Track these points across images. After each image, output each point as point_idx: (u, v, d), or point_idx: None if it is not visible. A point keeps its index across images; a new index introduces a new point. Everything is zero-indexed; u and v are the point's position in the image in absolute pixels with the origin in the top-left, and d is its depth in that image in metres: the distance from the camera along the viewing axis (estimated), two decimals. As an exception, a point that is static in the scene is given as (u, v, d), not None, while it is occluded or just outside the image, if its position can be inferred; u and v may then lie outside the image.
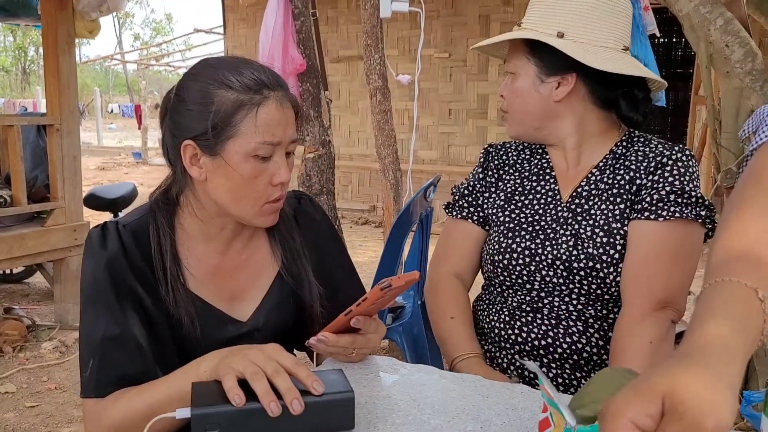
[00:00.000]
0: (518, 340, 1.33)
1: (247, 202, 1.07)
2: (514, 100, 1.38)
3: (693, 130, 5.92)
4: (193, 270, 1.12)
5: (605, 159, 1.36)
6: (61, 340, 3.70)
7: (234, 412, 0.84)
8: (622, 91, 1.33)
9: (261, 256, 1.20)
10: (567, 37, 1.29)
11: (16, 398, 3.01)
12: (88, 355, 1.02)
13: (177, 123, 1.06)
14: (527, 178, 1.42)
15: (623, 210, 1.29)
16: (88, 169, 12.73)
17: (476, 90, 7.59)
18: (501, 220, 1.40)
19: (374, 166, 7.59)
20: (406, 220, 2.68)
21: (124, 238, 1.08)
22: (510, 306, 1.37)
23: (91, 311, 1.04)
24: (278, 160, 1.06)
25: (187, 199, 1.12)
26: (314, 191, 3.28)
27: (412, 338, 2.67)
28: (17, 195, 3.61)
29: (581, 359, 1.29)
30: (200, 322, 1.10)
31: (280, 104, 1.05)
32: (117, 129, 27.26)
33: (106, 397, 1.00)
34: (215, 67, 1.06)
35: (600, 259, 1.27)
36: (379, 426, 0.91)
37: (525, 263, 1.33)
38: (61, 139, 3.81)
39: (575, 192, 1.35)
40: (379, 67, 3.61)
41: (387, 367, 1.13)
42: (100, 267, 1.05)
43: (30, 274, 4.86)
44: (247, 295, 1.17)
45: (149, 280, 1.08)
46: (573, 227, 1.31)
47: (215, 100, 1.02)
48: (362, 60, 3.77)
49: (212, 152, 1.04)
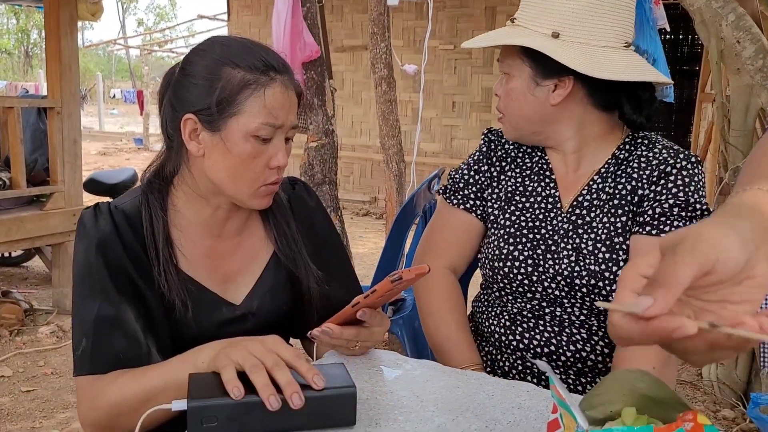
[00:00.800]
0: (520, 346, 1.28)
1: (243, 183, 1.06)
2: (509, 102, 1.30)
3: (698, 127, 5.89)
4: (186, 252, 1.10)
5: (607, 164, 1.29)
6: (59, 324, 3.68)
7: (232, 405, 0.81)
8: (625, 92, 1.24)
9: (255, 240, 1.19)
10: (563, 37, 1.20)
11: (11, 382, 3.00)
12: (80, 335, 1.01)
13: (179, 97, 1.05)
14: (528, 177, 1.35)
15: (625, 222, 1.23)
16: (89, 154, 12.71)
17: (481, 83, 7.55)
18: (501, 223, 1.33)
19: (376, 157, 7.57)
20: (409, 211, 2.65)
21: (117, 219, 1.06)
22: (510, 311, 1.31)
23: (84, 292, 1.03)
24: (277, 143, 1.06)
25: (182, 179, 1.11)
26: (316, 181, 3.25)
27: (412, 331, 2.65)
28: (16, 178, 3.58)
29: (585, 366, 1.25)
30: (193, 304, 1.08)
31: (285, 88, 1.05)
32: (119, 114, 27.24)
33: (101, 376, 0.99)
34: (224, 44, 1.06)
35: (602, 276, 1.20)
36: (381, 422, 0.89)
37: (527, 273, 1.27)
38: (61, 122, 3.77)
39: (576, 201, 1.28)
40: (384, 57, 3.57)
41: (389, 361, 1.10)
42: (92, 247, 1.03)
43: (29, 258, 4.84)
44: (241, 278, 1.16)
45: (142, 262, 1.06)
46: (574, 241, 1.25)
47: (222, 76, 1.02)
48: (367, 50, 3.74)
49: (213, 128, 1.03)
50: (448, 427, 0.89)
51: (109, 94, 23.88)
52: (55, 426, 2.63)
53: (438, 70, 7.67)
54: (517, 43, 1.23)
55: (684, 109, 7.78)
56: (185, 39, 20.80)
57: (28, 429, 2.59)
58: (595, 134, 1.29)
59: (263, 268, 1.18)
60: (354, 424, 0.87)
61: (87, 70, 34.25)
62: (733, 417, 2.79)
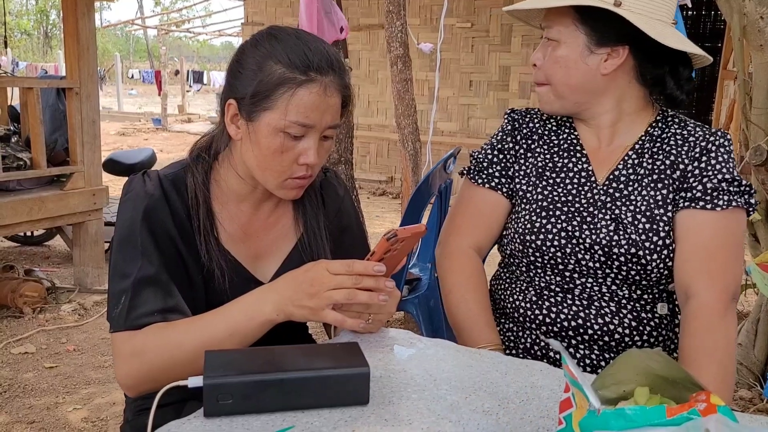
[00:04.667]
0: (546, 320, 1.29)
1: (270, 173, 1.10)
2: (555, 71, 1.28)
3: (719, 105, 5.79)
4: (226, 225, 1.15)
5: (641, 141, 1.31)
6: (80, 302, 3.74)
7: (247, 383, 0.83)
8: (669, 68, 1.26)
9: (286, 222, 1.23)
10: (624, 6, 1.20)
11: (35, 359, 3.06)
12: (119, 293, 1.03)
13: (229, 81, 1.11)
14: (557, 154, 1.36)
15: (665, 196, 1.25)
16: (108, 135, 12.80)
17: (498, 61, 7.46)
18: (533, 197, 1.33)
19: (393, 136, 7.54)
20: (425, 191, 2.65)
21: (165, 186, 1.11)
22: (537, 286, 1.32)
23: (126, 253, 1.05)
24: (310, 141, 1.08)
25: (226, 157, 1.16)
26: (332, 160, 3.25)
27: (427, 311, 2.66)
28: (37, 158, 3.62)
29: (612, 340, 1.26)
30: (229, 277, 1.12)
31: (324, 90, 1.05)
32: (137, 95, 27.35)
33: (139, 331, 1.00)
34: (275, 38, 1.08)
35: (642, 245, 1.22)
36: (394, 400, 0.90)
37: (560, 245, 1.27)
38: (80, 102, 3.80)
39: (612, 175, 1.30)
40: (400, 35, 3.54)
41: (403, 340, 1.11)
42: (139, 210, 1.07)
43: (50, 237, 4.91)
44: (270, 257, 1.20)
45: (186, 230, 1.11)
46: (613, 212, 1.26)
47: (264, 69, 1.05)
48: (383, 29, 3.71)
49: (248, 117, 1.07)
50: (461, 406, 0.89)
51: (128, 74, 23.96)
52: (78, 402, 2.68)
53: (455, 48, 7.59)
54: (583, 3, 1.21)
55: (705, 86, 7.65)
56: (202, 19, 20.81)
57: (52, 404, 2.65)
58: (631, 109, 1.31)
59: (291, 249, 1.22)
60: (367, 403, 0.88)
61: (105, 50, 34.37)
62: (750, 397, 2.77)
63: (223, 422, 0.82)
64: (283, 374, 0.84)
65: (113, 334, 1.02)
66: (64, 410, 2.61)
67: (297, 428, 0.81)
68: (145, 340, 0.99)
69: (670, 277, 1.26)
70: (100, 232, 4.04)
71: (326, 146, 1.12)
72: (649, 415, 0.65)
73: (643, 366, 0.73)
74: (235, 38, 20.53)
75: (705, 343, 1.16)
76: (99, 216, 4.00)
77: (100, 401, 2.69)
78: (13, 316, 3.51)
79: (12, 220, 3.46)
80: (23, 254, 4.79)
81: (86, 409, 2.62)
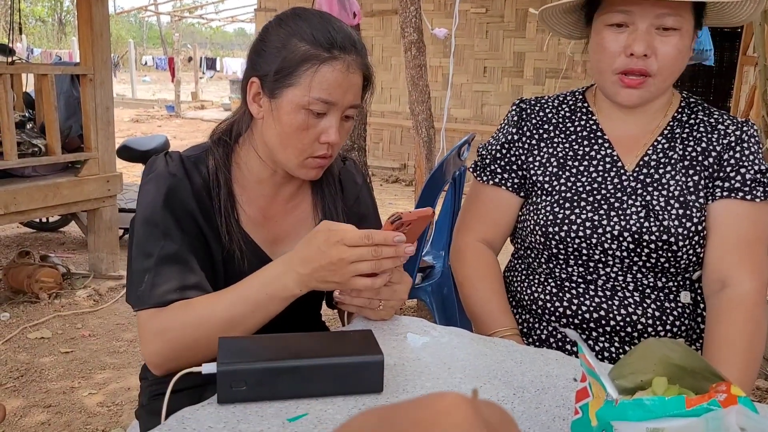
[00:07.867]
0: (566, 312, 1.27)
1: (292, 151, 1.10)
2: (675, 62, 1.20)
3: (739, 92, 5.70)
4: (246, 208, 1.16)
5: (670, 126, 1.29)
6: (95, 288, 3.77)
7: (261, 370, 0.82)
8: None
9: (305, 207, 1.24)
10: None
11: (51, 344, 3.09)
12: (142, 272, 1.03)
13: (252, 60, 1.11)
14: (576, 142, 1.33)
15: (697, 182, 1.24)
16: (122, 121, 12.86)
17: (513, 47, 7.40)
18: (555, 188, 1.30)
19: (406, 123, 7.51)
20: (438, 178, 2.63)
21: (188, 166, 1.11)
22: (558, 277, 1.29)
23: (148, 232, 1.05)
24: (331, 119, 1.08)
25: (247, 139, 1.16)
26: (345, 147, 3.24)
27: (441, 299, 2.65)
28: (51, 144, 3.64)
29: (635, 331, 1.23)
30: (248, 258, 1.12)
31: (347, 68, 1.07)
32: (151, 81, 27.41)
33: (164, 309, 1.01)
34: (300, 17, 1.09)
35: (675, 231, 1.20)
36: (408, 389, 0.89)
37: (585, 235, 1.24)
38: (94, 89, 3.81)
39: (642, 161, 1.28)
40: (414, 20, 3.51)
41: (417, 328, 1.10)
42: (162, 190, 1.07)
43: (66, 223, 4.95)
44: (288, 242, 1.20)
45: (208, 210, 1.11)
46: (644, 198, 1.24)
47: (288, 47, 1.06)
48: (396, 14, 3.68)
49: (271, 95, 1.08)
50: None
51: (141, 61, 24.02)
52: (93, 386, 2.71)
53: (469, 34, 7.53)
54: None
55: (724, 72, 7.54)
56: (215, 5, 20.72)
57: (67, 388, 2.68)
58: (669, 93, 1.31)
59: None
60: (381, 391, 0.87)
61: (119, 37, 34.45)
62: (767, 387, 2.75)
63: (237, 409, 0.82)
64: (297, 361, 0.84)
65: (138, 312, 1.03)
66: (79, 394, 2.63)
67: (310, 415, 0.81)
68: (170, 318, 1.00)
69: (698, 264, 1.25)
70: (114, 219, 4.07)
71: (347, 126, 1.13)
72: (668, 405, 0.64)
73: (661, 355, 0.72)
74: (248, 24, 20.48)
75: (745, 331, 1.16)
76: (113, 202, 4.02)
77: (115, 386, 2.72)
78: (29, 302, 3.54)
79: (28, 206, 3.49)
80: (39, 240, 4.83)
81: (101, 393, 2.65)
